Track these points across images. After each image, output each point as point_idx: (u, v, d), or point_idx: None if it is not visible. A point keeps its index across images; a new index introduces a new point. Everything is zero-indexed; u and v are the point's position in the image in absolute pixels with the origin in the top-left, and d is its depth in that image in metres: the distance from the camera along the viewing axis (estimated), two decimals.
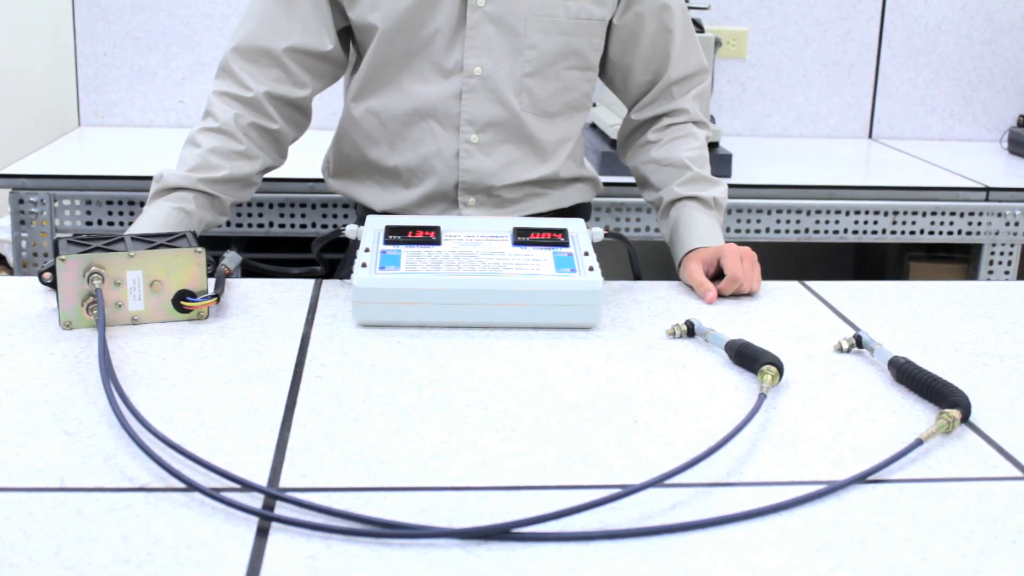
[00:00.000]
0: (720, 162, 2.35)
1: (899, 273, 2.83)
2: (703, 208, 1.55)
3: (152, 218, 1.44)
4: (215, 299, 1.25)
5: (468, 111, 1.56)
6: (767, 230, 2.36)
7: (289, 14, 1.54)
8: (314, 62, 1.57)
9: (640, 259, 1.48)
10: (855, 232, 2.38)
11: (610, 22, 1.60)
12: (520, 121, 1.58)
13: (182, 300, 1.23)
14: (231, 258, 1.34)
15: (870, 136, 2.98)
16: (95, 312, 1.18)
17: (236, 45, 1.55)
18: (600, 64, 1.66)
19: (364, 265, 1.25)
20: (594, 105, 2.65)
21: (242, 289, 1.36)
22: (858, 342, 1.20)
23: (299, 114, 1.60)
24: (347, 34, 1.60)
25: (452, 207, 1.62)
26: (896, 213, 2.38)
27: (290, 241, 2.41)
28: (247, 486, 0.86)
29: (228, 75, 1.55)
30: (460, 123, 1.56)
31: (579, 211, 1.72)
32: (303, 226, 2.25)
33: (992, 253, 2.43)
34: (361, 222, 1.44)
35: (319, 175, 1.74)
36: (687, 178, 1.58)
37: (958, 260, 2.69)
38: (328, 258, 1.48)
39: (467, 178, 1.59)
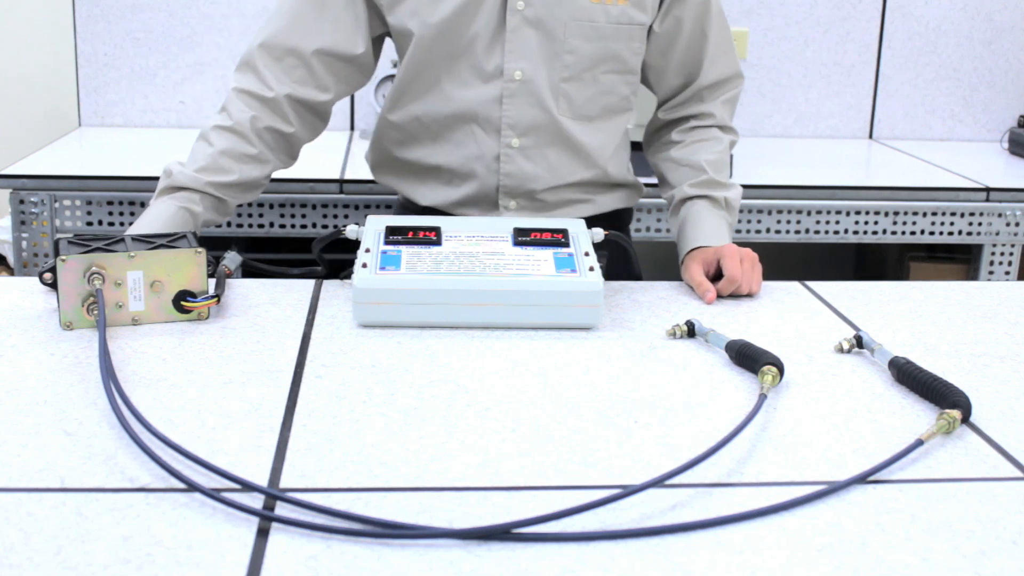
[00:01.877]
0: None
1: (899, 273, 2.83)
2: (712, 207, 1.55)
3: (158, 214, 1.44)
4: (215, 299, 1.25)
5: (509, 115, 1.54)
6: (767, 230, 2.37)
7: (321, 14, 1.51)
8: (342, 65, 1.54)
9: (640, 259, 1.47)
10: (855, 232, 2.38)
11: (650, 27, 1.57)
12: (559, 126, 1.56)
13: (182, 300, 1.23)
14: (231, 258, 1.34)
15: (870, 136, 2.98)
16: (95, 312, 1.18)
17: (263, 41, 1.52)
18: None
19: (364, 265, 1.25)
20: None
21: (242, 289, 1.36)
22: (858, 342, 1.20)
23: (317, 118, 1.58)
24: (379, 43, 1.58)
25: (492, 209, 1.60)
26: (896, 213, 2.38)
27: (290, 241, 2.41)
28: (247, 486, 0.86)
29: (251, 71, 1.52)
30: (501, 127, 1.55)
31: (620, 217, 1.70)
32: (303, 226, 2.25)
33: (992, 253, 2.43)
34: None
35: (320, 175, 1.74)
36: (701, 180, 1.57)
37: (958, 260, 2.69)
38: (328, 259, 1.48)
39: (508, 182, 1.57)
